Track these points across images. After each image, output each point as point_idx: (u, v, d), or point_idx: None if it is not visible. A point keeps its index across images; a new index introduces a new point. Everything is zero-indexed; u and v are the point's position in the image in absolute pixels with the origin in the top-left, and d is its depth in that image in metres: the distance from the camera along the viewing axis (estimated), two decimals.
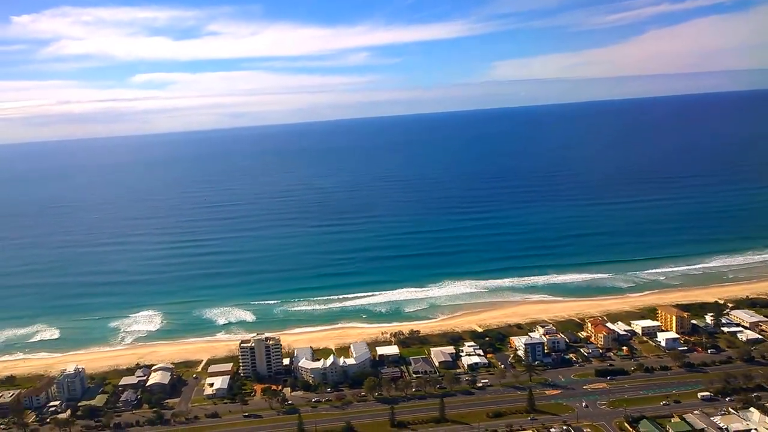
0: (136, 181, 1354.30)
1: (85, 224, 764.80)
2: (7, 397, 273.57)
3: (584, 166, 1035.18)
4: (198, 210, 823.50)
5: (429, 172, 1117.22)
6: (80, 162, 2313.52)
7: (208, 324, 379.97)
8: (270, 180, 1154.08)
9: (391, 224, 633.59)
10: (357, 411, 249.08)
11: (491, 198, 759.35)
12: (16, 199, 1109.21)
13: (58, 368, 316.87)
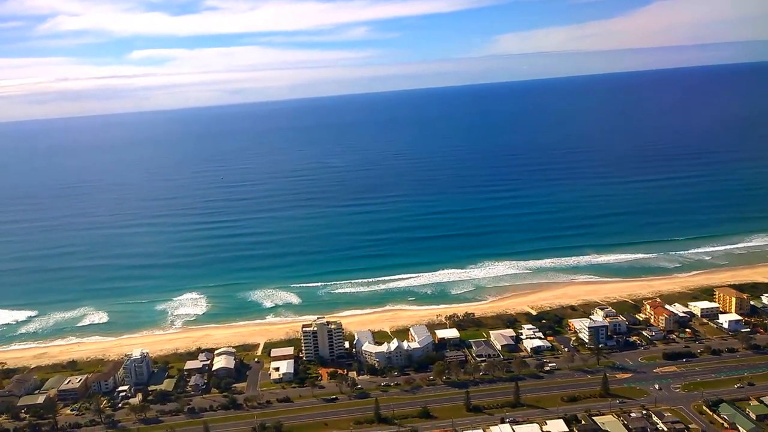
0: (146, 160, 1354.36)
1: (105, 205, 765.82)
2: (75, 382, 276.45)
3: (603, 142, 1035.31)
4: (216, 190, 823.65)
5: (440, 149, 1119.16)
6: (85, 140, 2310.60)
7: (254, 307, 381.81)
8: (281, 159, 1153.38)
9: (416, 203, 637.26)
10: (429, 395, 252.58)
11: (514, 175, 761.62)
12: (27, 180, 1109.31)
13: (115, 352, 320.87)
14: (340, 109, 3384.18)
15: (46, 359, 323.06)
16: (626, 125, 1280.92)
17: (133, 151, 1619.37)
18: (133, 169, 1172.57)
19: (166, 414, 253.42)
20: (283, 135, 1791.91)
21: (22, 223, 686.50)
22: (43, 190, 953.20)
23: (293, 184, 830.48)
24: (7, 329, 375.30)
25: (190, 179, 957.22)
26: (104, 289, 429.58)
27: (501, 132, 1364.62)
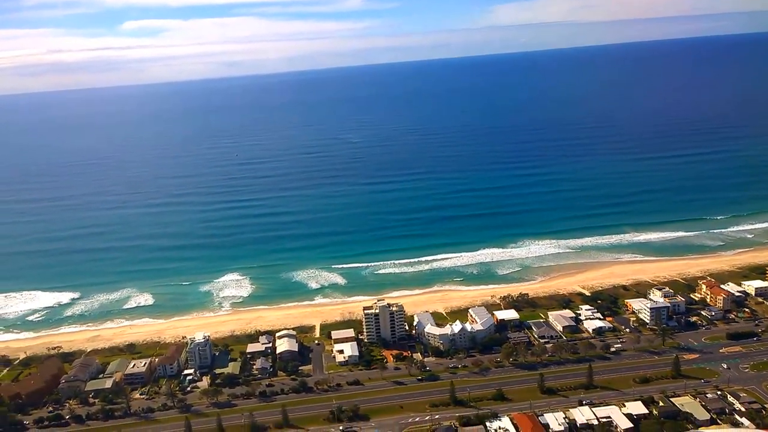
0: (153, 135, 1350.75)
1: (123, 183, 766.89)
2: (140, 366, 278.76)
3: (621, 116, 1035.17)
4: (234, 167, 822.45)
5: (454, 124, 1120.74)
6: (86, 115, 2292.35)
7: (301, 288, 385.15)
8: (294, 135, 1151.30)
9: (443, 181, 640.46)
10: (500, 377, 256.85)
11: (537, 152, 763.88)
12: (37, 157, 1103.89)
13: (169, 334, 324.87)
14: (341, 82, 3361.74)
15: (100, 342, 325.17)
16: (643, 100, 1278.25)
17: (138, 126, 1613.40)
18: (143, 145, 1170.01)
19: (238, 398, 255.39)
20: (288, 110, 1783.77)
21: (43, 202, 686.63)
22: (56, 168, 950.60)
23: (311, 160, 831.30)
24: (53, 312, 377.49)
25: (204, 156, 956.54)
26: (143, 271, 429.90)
27: (513, 106, 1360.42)
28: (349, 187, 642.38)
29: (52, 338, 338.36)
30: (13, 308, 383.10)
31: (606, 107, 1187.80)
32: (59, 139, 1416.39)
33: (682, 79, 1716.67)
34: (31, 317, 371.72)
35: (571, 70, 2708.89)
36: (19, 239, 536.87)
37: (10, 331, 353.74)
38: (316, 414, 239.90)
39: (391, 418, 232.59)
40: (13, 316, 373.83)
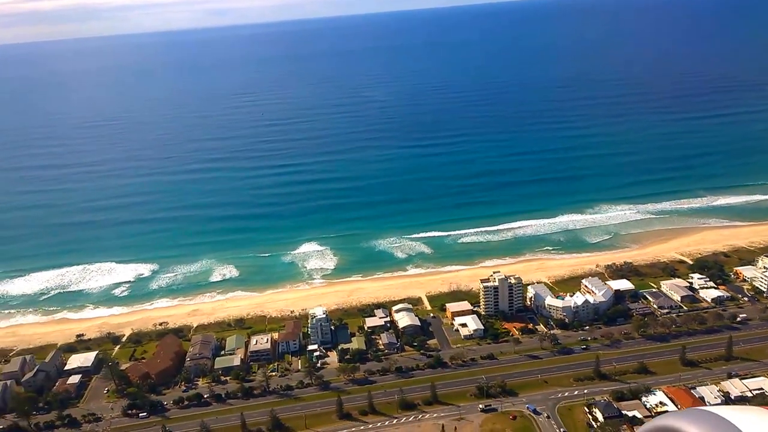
0: (163, 93, 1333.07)
1: (149, 147, 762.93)
2: (262, 342, 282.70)
3: (646, 73, 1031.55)
4: (263, 129, 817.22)
5: (478, 81, 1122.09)
6: (77, 69, 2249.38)
7: (387, 258, 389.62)
8: (312, 92, 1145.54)
9: (489, 144, 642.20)
10: (635, 350, 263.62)
11: (576, 111, 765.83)
12: (34, 118, 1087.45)
13: (271, 308, 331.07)
14: (338, 33, 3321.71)
15: (201, 317, 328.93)
16: (660, 54, 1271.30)
17: (141, 83, 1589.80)
18: (155, 105, 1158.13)
19: (374, 374, 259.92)
20: (293, 63, 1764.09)
21: (73, 168, 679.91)
22: (64, 131, 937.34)
23: (343, 121, 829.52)
24: (138, 285, 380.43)
25: (228, 116, 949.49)
26: (214, 242, 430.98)
27: (529, 61, 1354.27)
28: (394, 150, 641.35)
29: (148, 313, 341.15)
30: (95, 282, 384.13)
31: (624, 61, 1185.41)
32: (54, 98, 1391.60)
33: (691, 31, 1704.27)
34: (115, 291, 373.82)
35: (572, 20, 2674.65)
36: (62, 209, 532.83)
37: (101, 306, 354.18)
38: (460, 390, 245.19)
39: (539, 393, 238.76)
40: (97, 290, 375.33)
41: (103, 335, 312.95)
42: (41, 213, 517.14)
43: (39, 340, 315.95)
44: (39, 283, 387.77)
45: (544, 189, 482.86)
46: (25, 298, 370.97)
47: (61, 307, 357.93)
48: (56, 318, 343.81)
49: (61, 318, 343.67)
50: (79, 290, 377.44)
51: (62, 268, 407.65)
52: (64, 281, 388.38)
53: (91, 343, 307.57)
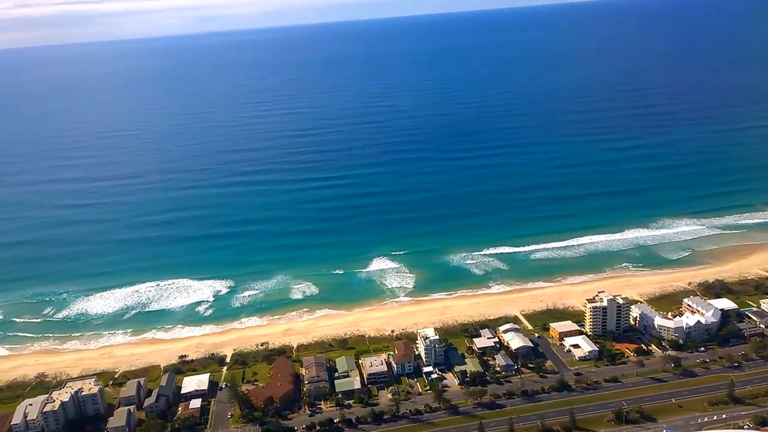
0: (175, 101, 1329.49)
1: (181, 158, 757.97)
2: (376, 364, 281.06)
3: (672, 80, 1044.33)
4: (291, 140, 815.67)
5: (492, 90, 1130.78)
6: (81, 75, 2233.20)
7: (465, 274, 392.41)
8: (326, 101, 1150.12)
9: (533, 155, 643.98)
10: (762, 372, 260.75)
11: (613, 122, 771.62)
12: (49, 126, 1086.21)
13: (367, 327, 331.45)
14: (333, 39, 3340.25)
15: (298, 336, 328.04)
16: (677, 63, 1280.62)
17: (151, 90, 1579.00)
18: (171, 114, 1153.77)
19: (499, 397, 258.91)
20: (297, 70, 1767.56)
21: (112, 180, 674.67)
22: (88, 141, 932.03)
23: (369, 130, 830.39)
24: (220, 303, 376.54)
25: (248, 126, 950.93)
26: (283, 259, 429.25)
27: (550, 67, 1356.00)
28: (437, 162, 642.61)
29: (241, 332, 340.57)
30: (174, 300, 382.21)
31: (646, 72, 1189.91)
32: (64, 106, 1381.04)
33: (713, 34, 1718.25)
34: (199, 309, 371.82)
35: (580, 27, 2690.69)
36: (117, 224, 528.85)
37: (190, 325, 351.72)
38: (595, 415, 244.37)
39: (678, 418, 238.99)
40: (180, 308, 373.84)
41: (205, 356, 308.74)
42: (97, 228, 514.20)
43: (139, 362, 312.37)
44: (116, 301, 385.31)
45: (605, 203, 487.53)
46: (107, 317, 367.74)
47: (148, 326, 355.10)
48: (147, 338, 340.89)
49: (152, 338, 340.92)
50: (161, 309, 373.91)
51: (135, 285, 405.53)
52: (142, 299, 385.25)
53: (195, 365, 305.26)
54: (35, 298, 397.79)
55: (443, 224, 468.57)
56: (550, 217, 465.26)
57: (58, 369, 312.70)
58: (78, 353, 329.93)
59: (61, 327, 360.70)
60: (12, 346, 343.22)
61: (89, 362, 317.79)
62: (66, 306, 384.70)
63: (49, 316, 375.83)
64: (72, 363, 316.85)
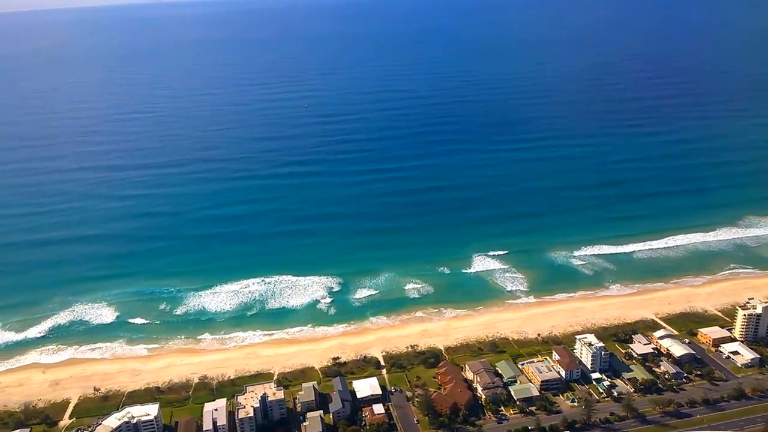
0: (170, 79, 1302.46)
1: (215, 146, 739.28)
2: (545, 371, 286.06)
3: (690, 66, 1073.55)
4: (320, 127, 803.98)
5: (513, 72, 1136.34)
6: (56, 47, 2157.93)
7: (575, 274, 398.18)
8: (337, 84, 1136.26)
9: (584, 147, 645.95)
10: None
11: (652, 112, 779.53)
12: (54, 105, 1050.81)
13: (504, 329, 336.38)
14: (323, 14, 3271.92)
15: (440, 338, 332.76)
16: (689, 44, 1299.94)
17: (135, 66, 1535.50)
18: (174, 94, 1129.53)
19: (682, 406, 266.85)
20: (293, 48, 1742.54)
21: (149, 170, 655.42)
22: (105, 124, 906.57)
23: (397, 118, 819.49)
24: (339, 301, 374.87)
25: (267, 110, 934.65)
26: (381, 257, 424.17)
27: (563, 50, 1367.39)
28: (485, 155, 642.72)
29: (378, 333, 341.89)
30: (289, 297, 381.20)
31: (661, 53, 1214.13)
32: (51, 82, 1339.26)
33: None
34: (319, 307, 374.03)
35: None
36: (189, 216, 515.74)
37: (320, 325, 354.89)
38: None
39: None
40: (300, 306, 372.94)
41: (357, 358, 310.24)
42: (168, 222, 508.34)
43: (289, 363, 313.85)
44: (229, 297, 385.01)
45: (684, 201, 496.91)
46: (228, 314, 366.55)
47: (276, 325, 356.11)
48: (284, 337, 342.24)
49: (290, 338, 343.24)
50: (280, 306, 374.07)
51: (242, 281, 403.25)
52: (255, 296, 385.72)
53: (350, 367, 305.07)
54: (141, 295, 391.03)
55: (528, 222, 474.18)
56: (637, 217, 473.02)
57: (210, 369, 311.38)
58: (221, 353, 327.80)
59: (185, 325, 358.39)
60: (148, 345, 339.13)
61: (237, 362, 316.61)
62: (180, 303, 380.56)
63: (166, 313, 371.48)
64: (221, 363, 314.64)
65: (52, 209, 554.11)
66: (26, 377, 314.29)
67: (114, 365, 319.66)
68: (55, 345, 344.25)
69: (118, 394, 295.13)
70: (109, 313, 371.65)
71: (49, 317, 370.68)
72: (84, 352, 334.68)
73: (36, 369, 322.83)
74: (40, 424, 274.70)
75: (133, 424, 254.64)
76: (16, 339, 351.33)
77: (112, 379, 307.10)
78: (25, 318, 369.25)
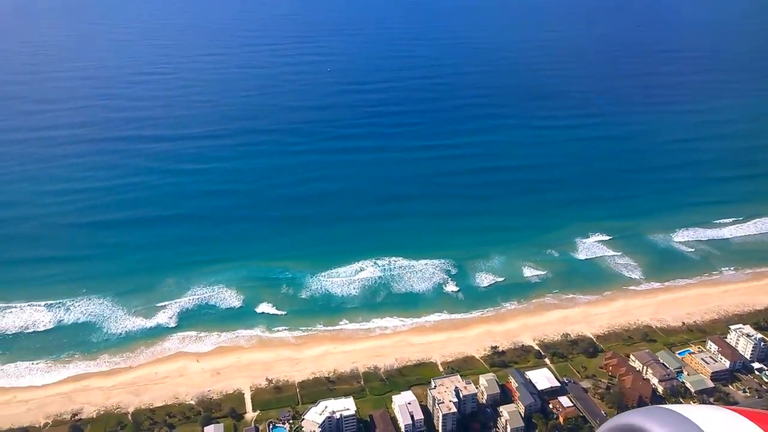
0: (169, 36, 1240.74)
1: (250, 116, 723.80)
2: (712, 361, 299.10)
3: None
4: (351, 95, 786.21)
5: (526, 42, 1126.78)
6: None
7: (685, 260, 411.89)
8: (350, 47, 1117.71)
9: (629, 126, 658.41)
10: None
11: (684, 89, 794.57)
12: (56, 63, 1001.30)
13: (641, 317, 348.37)
14: None
15: (582, 325, 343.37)
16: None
17: (115, 17, 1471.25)
18: (183, 53, 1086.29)
19: None
20: (288, 5, 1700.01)
21: (194, 141, 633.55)
22: (124, 86, 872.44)
23: (425, 88, 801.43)
24: (462, 285, 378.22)
25: (289, 74, 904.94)
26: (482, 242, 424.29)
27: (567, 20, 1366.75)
28: (534, 131, 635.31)
29: (519, 320, 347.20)
30: (412, 282, 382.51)
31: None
32: (40, 37, 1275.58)
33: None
34: (446, 291, 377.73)
35: None
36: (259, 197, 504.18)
37: (458, 311, 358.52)
38: None
39: None
40: (426, 291, 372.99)
41: (514, 347, 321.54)
42: (245, 201, 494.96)
43: (446, 351, 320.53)
44: (349, 281, 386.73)
45: (756, 186, 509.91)
46: (357, 299, 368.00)
47: (410, 310, 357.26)
48: (421, 324, 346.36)
49: (426, 325, 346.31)
50: (406, 291, 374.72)
51: (352, 263, 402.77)
52: (376, 279, 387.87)
53: (510, 356, 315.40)
54: (256, 279, 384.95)
55: (615, 206, 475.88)
56: (718, 201, 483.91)
57: (368, 358, 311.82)
58: (370, 340, 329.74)
59: (318, 310, 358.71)
60: (292, 333, 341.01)
61: (392, 351, 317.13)
62: (301, 287, 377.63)
63: (291, 298, 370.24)
64: (376, 352, 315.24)
65: (111, 185, 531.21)
66: (182, 366, 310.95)
67: (267, 353, 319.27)
68: (193, 332, 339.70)
69: (288, 384, 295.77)
70: (232, 298, 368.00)
71: (173, 303, 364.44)
72: (229, 340, 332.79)
73: (186, 358, 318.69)
74: (225, 417, 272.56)
75: (336, 419, 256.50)
76: (148, 326, 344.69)
77: (273, 369, 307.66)
78: (148, 304, 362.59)
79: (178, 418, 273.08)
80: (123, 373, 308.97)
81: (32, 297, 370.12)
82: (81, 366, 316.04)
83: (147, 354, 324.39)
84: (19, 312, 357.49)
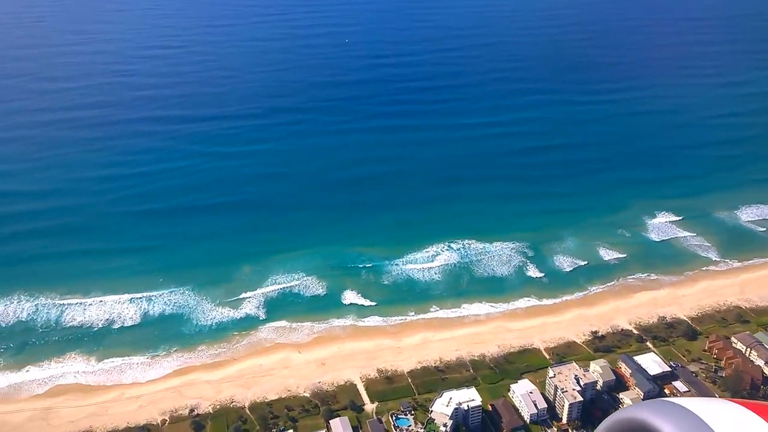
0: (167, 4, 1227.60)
1: (278, 93, 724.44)
2: None
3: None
4: (376, 70, 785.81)
5: (546, 12, 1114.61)
6: None
7: (753, 238, 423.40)
8: (361, 18, 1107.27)
9: (677, 99, 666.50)
10: None
11: (716, 59, 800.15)
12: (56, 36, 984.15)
13: (729, 298, 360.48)
14: None
15: (668, 307, 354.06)
16: None
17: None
18: (186, 24, 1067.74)
19: None
20: None
21: (228, 121, 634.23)
22: (137, 62, 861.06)
23: (452, 60, 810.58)
24: (544, 268, 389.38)
25: (305, 47, 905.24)
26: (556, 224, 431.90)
27: None
28: (573, 107, 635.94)
29: (607, 303, 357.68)
30: (491, 266, 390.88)
31: None
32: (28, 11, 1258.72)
33: None
34: (529, 274, 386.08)
35: None
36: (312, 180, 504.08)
37: (546, 297, 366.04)
38: None
39: None
40: (508, 275, 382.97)
41: (613, 331, 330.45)
42: (297, 185, 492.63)
43: (546, 337, 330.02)
44: (427, 265, 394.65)
45: None
46: (441, 283, 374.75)
47: (496, 295, 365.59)
48: (513, 309, 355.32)
49: (516, 310, 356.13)
50: (489, 275, 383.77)
51: (427, 247, 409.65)
52: (455, 263, 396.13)
53: (610, 341, 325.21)
54: (333, 267, 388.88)
55: (676, 185, 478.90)
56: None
57: (469, 345, 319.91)
58: (465, 327, 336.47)
59: (404, 296, 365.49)
60: (384, 319, 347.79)
61: (492, 337, 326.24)
62: (381, 273, 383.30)
63: (373, 284, 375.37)
64: (474, 338, 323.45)
65: (155, 170, 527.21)
66: (284, 357, 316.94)
67: (367, 342, 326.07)
68: (285, 323, 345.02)
69: (398, 374, 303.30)
70: (315, 286, 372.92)
71: (256, 292, 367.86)
72: (324, 330, 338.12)
73: (285, 349, 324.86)
74: (345, 409, 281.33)
75: (463, 410, 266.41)
76: (238, 317, 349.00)
77: (378, 358, 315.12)
78: (231, 294, 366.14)
79: (297, 411, 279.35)
80: (227, 365, 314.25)
81: (110, 290, 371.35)
82: (181, 360, 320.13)
83: (245, 345, 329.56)
84: (100, 305, 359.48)
